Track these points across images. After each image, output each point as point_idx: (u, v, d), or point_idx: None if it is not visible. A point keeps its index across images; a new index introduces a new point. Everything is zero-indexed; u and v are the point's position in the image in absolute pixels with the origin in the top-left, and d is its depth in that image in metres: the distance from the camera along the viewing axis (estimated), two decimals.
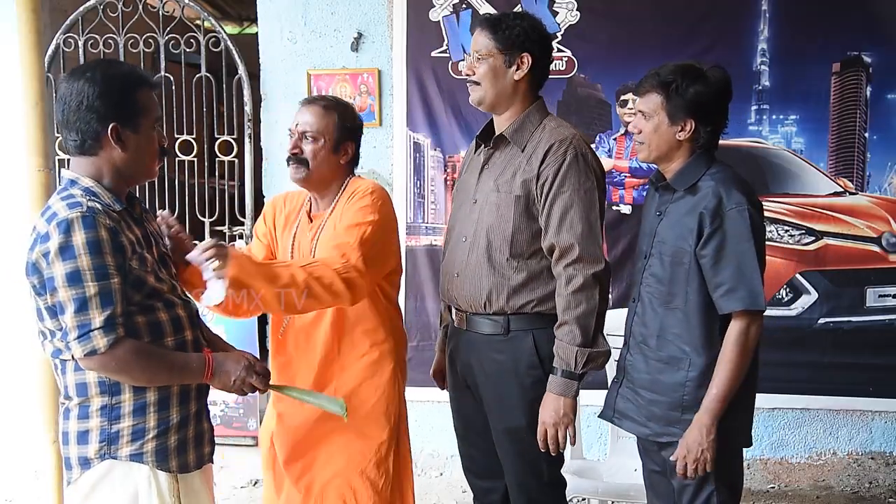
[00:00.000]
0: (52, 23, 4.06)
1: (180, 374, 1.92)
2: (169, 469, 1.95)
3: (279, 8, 3.91)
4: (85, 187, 1.90)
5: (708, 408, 2.09)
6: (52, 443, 2.70)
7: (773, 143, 3.75)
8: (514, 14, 2.37)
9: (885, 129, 3.70)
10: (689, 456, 2.11)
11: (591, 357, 2.21)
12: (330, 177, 2.39)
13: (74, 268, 1.80)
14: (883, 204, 3.72)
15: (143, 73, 2.03)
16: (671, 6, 3.71)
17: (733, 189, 2.11)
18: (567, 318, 2.21)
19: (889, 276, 3.72)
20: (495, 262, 2.31)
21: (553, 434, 2.23)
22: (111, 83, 1.88)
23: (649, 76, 2.20)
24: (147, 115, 1.94)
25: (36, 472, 3.82)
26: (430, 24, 3.82)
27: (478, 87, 2.35)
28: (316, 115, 2.36)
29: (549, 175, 2.24)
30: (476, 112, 3.84)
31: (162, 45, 4.01)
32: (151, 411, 1.93)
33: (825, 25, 3.65)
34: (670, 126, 2.16)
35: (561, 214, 2.23)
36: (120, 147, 1.90)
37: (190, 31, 3.99)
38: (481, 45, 2.31)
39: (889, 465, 3.88)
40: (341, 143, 2.38)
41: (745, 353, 2.09)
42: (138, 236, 1.95)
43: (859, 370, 3.76)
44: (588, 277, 2.20)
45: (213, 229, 4.14)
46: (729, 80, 2.19)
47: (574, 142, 2.26)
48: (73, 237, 1.80)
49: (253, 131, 4.03)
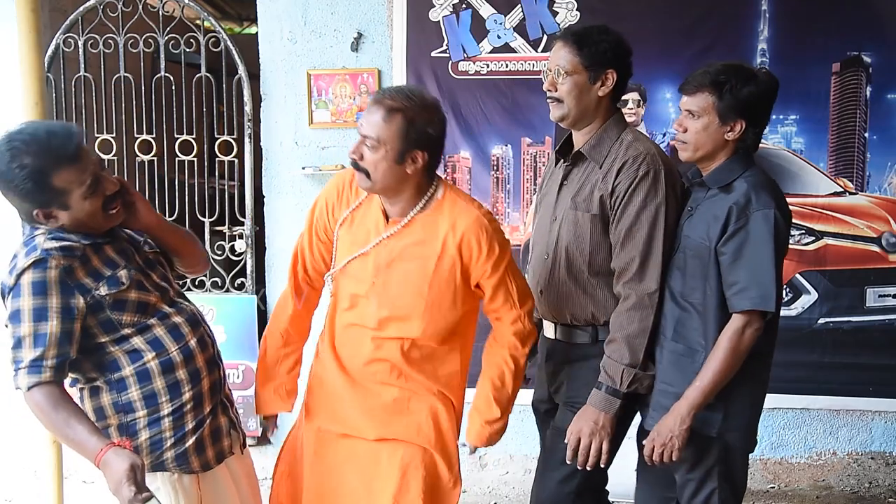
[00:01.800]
0: (52, 23, 4.06)
1: (75, 446, 1.89)
2: (192, 470, 2.01)
3: (279, 8, 3.91)
4: (48, 229, 1.93)
5: (688, 397, 2.10)
6: (52, 443, 2.71)
7: (773, 143, 3.74)
8: (597, 29, 2.30)
9: (885, 129, 3.69)
10: (657, 440, 2.12)
11: (637, 378, 2.20)
12: (397, 187, 2.14)
13: (17, 307, 1.86)
14: (883, 204, 3.72)
15: (55, 148, 1.86)
16: (671, 6, 3.71)
17: (763, 192, 2.11)
18: (617, 336, 2.21)
19: (889, 276, 3.72)
20: (577, 279, 2.32)
21: (586, 444, 2.21)
22: (22, 177, 1.83)
23: (699, 74, 2.17)
24: (72, 192, 1.88)
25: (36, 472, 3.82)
26: (430, 24, 3.81)
27: (560, 105, 2.29)
28: (377, 120, 2.07)
29: (620, 192, 2.22)
30: (476, 113, 3.86)
31: (162, 45, 4.01)
32: (167, 422, 1.99)
33: (825, 25, 3.65)
34: (720, 126, 2.14)
35: (626, 231, 2.21)
36: (52, 222, 1.92)
37: (190, 31, 3.99)
38: (565, 60, 2.25)
39: (889, 465, 3.87)
40: (407, 153, 2.08)
41: (735, 352, 2.08)
42: (110, 257, 1.97)
43: (859, 370, 3.76)
44: (642, 297, 2.19)
45: (213, 229, 4.14)
46: (777, 82, 2.18)
47: (648, 158, 2.22)
48: (22, 279, 1.85)
49: (253, 131, 4.03)
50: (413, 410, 2.25)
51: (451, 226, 2.16)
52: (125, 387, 1.96)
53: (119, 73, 4.04)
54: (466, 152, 3.86)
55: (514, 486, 3.92)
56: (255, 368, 2.50)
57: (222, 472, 2.09)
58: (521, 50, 3.77)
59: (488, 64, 3.81)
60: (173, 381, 1.99)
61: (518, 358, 2.28)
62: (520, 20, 3.77)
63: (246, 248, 4.10)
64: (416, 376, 2.25)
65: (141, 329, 1.96)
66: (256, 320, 4.06)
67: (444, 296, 2.19)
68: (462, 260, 2.16)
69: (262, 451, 4.07)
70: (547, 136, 3.80)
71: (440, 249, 2.16)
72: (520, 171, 3.84)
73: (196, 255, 2.25)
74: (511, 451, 3.98)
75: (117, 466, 1.80)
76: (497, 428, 2.30)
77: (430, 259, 2.17)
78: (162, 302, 2.02)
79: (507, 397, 2.29)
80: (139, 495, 1.79)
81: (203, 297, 4.04)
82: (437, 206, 2.18)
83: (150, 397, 1.97)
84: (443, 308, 2.20)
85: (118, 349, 1.96)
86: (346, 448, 2.30)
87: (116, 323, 1.94)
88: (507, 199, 3.88)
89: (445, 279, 2.18)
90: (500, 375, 2.27)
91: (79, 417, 1.86)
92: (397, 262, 2.19)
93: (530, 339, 2.30)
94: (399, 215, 2.20)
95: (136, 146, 4.08)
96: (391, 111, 2.06)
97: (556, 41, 2.31)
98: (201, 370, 2.04)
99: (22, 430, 3.96)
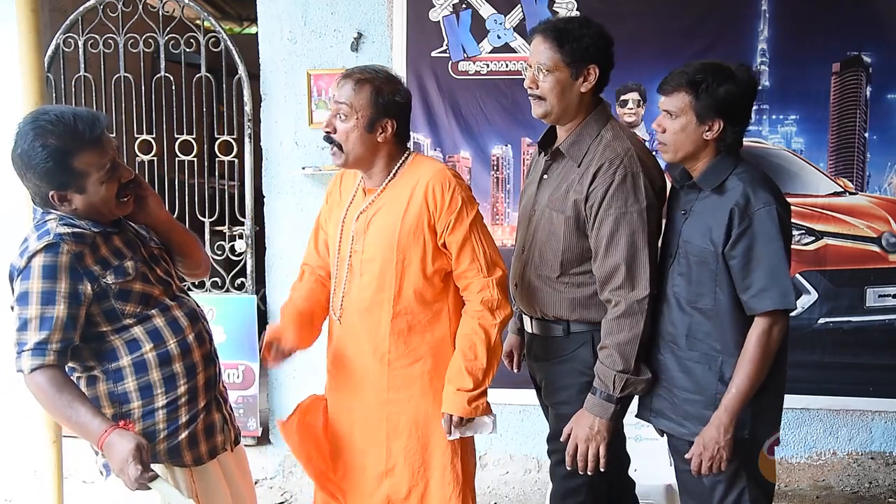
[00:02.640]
0: (52, 23, 4.06)
1: (77, 429, 1.91)
2: (184, 464, 2.02)
3: (279, 8, 3.91)
4: (59, 215, 1.95)
5: (727, 406, 2.08)
6: (52, 443, 2.71)
7: (773, 143, 3.74)
8: (578, 22, 2.27)
9: (885, 129, 3.69)
10: (704, 454, 2.10)
11: (630, 383, 2.18)
12: (370, 156, 2.27)
13: (26, 289, 1.87)
14: (883, 204, 3.72)
15: (80, 131, 1.90)
16: (671, 6, 3.70)
17: (760, 189, 2.09)
18: (608, 343, 2.18)
19: (889, 276, 3.72)
20: (549, 276, 2.31)
21: (584, 450, 2.21)
22: (44, 156, 1.87)
23: (676, 74, 2.15)
24: (90, 175, 1.92)
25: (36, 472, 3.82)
26: (430, 24, 3.81)
27: (542, 102, 2.26)
28: (348, 90, 2.22)
29: (597, 197, 2.19)
30: (476, 113, 3.86)
31: (162, 45, 4.01)
32: (161, 415, 2.01)
33: (825, 25, 3.65)
34: (698, 126, 2.12)
35: (607, 239, 2.18)
36: (66, 206, 1.94)
37: (190, 31, 3.99)
38: (546, 57, 2.21)
39: (889, 465, 3.87)
40: (377, 121, 2.22)
41: (766, 353, 2.07)
42: (118, 247, 1.99)
43: (859, 370, 3.76)
44: (631, 304, 2.16)
45: (213, 229, 4.14)
46: (756, 80, 2.16)
47: (625, 160, 2.18)
48: (33, 261, 1.87)
49: (253, 131, 4.03)
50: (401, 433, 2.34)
51: (417, 179, 2.27)
52: (122, 377, 1.97)
53: (119, 73, 4.04)
54: (466, 152, 3.86)
55: (514, 486, 3.92)
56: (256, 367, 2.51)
57: (214, 467, 2.10)
58: (521, 50, 3.77)
59: (488, 64, 3.81)
60: (169, 374, 2.00)
61: (488, 328, 2.26)
62: (520, 20, 3.77)
63: (246, 248, 4.10)
64: (402, 367, 2.31)
65: (141, 319, 1.98)
66: (256, 320, 4.06)
67: (413, 248, 2.26)
68: (428, 209, 2.24)
69: (262, 451, 4.07)
70: None
71: (408, 199, 2.26)
72: (520, 171, 3.84)
73: (198, 258, 2.28)
74: (511, 451, 3.98)
75: (122, 447, 1.82)
76: (471, 398, 2.25)
77: (400, 210, 2.27)
78: (164, 295, 2.05)
79: (480, 369, 2.25)
80: (145, 474, 1.82)
81: (203, 297, 4.04)
82: (407, 168, 2.31)
83: (146, 388, 1.98)
84: (414, 262, 2.26)
85: (117, 338, 1.97)
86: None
87: (119, 312, 1.95)
88: (506, 199, 3.88)
89: (414, 230, 2.25)
90: (471, 346, 2.26)
91: (82, 400, 1.88)
92: (373, 222, 2.30)
93: (501, 310, 2.27)
94: (376, 186, 2.32)
95: (136, 146, 4.08)
96: (360, 81, 2.22)
97: (536, 35, 2.25)
98: (197, 364, 2.06)
99: (22, 430, 3.96)
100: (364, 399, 2.36)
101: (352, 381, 2.38)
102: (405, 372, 2.32)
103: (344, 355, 2.39)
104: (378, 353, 2.32)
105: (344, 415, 2.41)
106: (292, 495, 3.91)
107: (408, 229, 2.25)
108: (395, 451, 2.34)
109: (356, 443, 2.39)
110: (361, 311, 2.33)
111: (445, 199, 2.23)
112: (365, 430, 2.37)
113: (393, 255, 2.26)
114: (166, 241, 2.18)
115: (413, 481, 2.33)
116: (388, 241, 2.27)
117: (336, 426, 2.42)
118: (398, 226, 2.26)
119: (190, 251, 2.23)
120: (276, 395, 4.07)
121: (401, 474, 2.34)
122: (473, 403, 2.26)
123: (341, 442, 2.41)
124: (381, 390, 2.33)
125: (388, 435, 2.34)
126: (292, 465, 4.04)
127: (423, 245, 2.26)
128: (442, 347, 2.32)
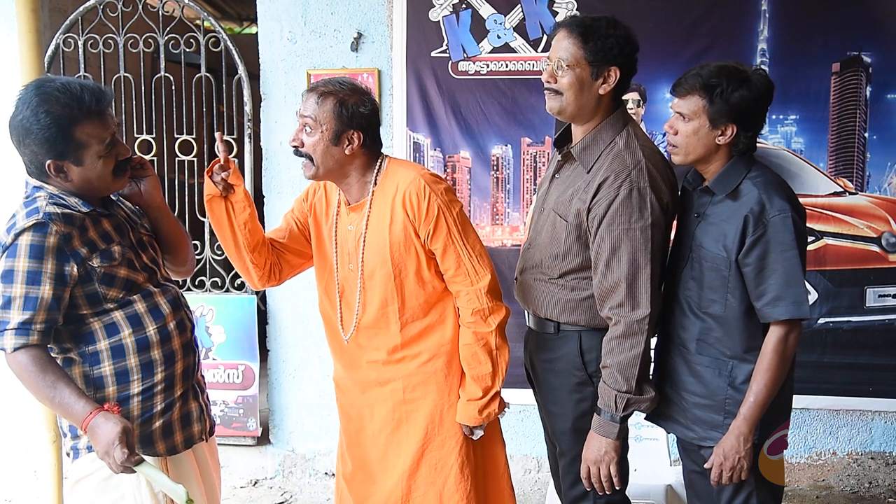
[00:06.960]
0: (52, 23, 4.07)
1: (61, 410, 1.90)
2: (157, 453, 2.00)
3: (279, 8, 3.91)
4: (50, 193, 1.93)
5: (746, 415, 2.06)
6: (52, 443, 2.71)
7: (773, 143, 3.75)
8: (606, 21, 2.19)
9: (885, 129, 3.69)
10: (725, 464, 2.08)
11: (633, 402, 2.15)
12: (340, 170, 2.26)
13: (10, 267, 1.85)
14: (883, 204, 3.72)
15: (86, 101, 1.91)
16: (671, 6, 3.70)
17: (776, 195, 2.05)
18: (609, 363, 2.15)
19: (889, 276, 3.72)
20: (546, 276, 2.30)
21: (596, 472, 2.20)
22: (47, 122, 1.86)
23: (690, 76, 2.11)
24: (90, 147, 1.91)
25: (36, 472, 3.83)
26: (430, 24, 3.82)
27: (558, 97, 2.19)
28: (311, 103, 2.21)
29: (599, 211, 2.13)
30: (477, 113, 3.87)
31: (162, 45, 4.01)
32: (135, 402, 1.99)
33: (825, 25, 3.65)
34: (711, 130, 2.09)
35: (608, 255, 2.13)
36: (62, 178, 1.92)
37: (190, 31, 3.99)
38: (568, 52, 2.15)
39: (889, 465, 3.88)
40: (343, 134, 2.20)
41: (784, 361, 2.05)
42: (107, 230, 1.98)
43: (859, 370, 3.76)
44: (631, 324, 2.11)
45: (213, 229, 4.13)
46: (772, 85, 2.11)
47: (632, 174, 2.11)
48: (20, 239, 1.85)
49: (253, 131, 4.03)
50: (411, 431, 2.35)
51: (395, 187, 2.25)
52: (98, 361, 1.95)
53: (119, 73, 4.04)
54: (466, 152, 3.86)
55: (513, 486, 3.91)
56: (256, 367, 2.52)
57: (189, 457, 2.09)
58: (520, 50, 3.77)
59: (488, 64, 3.81)
60: (147, 361, 1.99)
61: (485, 335, 2.26)
62: (520, 20, 3.77)
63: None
64: (413, 368, 2.32)
65: (123, 304, 1.97)
66: (256, 320, 4.06)
67: (407, 260, 2.26)
68: (409, 219, 2.23)
69: (262, 451, 4.07)
70: (547, 136, 3.80)
71: (390, 212, 2.25)
72: (520, 171, 3.84)
73: (185, 255, 2.28)
74: (511, 451, 3.96)
75: (107, 430, 1.80)
76: (481, 406, 2.29)
77: (385, 225, 2.26)
78: (149, 282, 2.04)
79: (487, 373, 2.27)
80: (131, 458, 1.80)
81: (203, 297, 4.04)
82: (384, 177, 2.28)
83: (122, 374, 1.96)
84: (411, 272, 2.27)
85: (96, 321, 1.95)
86: None
87: (102, 296, 1.94)
88: (507, 199, 3.88)
89: (404, 243, 2.25)
90: (473, 355, 2.28)
91: (66, 381, 1.86)
92: (366, 239, 2.29)
93: (494, 315, 2.26)
94: (356, 199, 2.31)
95: (136, 146, 4.09)
96: (323, 94, 2.20)
97: (561, 29, 2.20)
98: (177, 353, 2.05)
99: (22, 430, 3.96)
100: (381, 404, 2.38)
101: (366, 394, 2.41)
102: (422, 369, 2.33)
103: (356, 366, 2.41)
104: (393, 358, 2.34)
105: (358, 422, 2.45)
106: (292, 495, 3.91)
107: (397, 243, 2.25)
108: (413, 450, 2.35)
109: (375, 448, 2.42)
110: (369, 326, 2.34)
111: (423, 209, 2.21)
112: (382, 432, 2.39)
113: (389, 270, 2.27)
114: (157, 228, 2.18)
115: (431, 478, 2.35)
116: (382, 257, 2.27)
117: (350, 438, 2.47)
118: (387, 241, 2.26)
119: (178, 244, 2.23)
120: (276, 395, 4.07)
121: (419, 474, 2.36)
122: (485, 412, 2.29)
123: (358, 451, 2.46)
124: (398, 391, 2.35)
125: (407, 434, 2.36)
126: (292, 465, 4.04)
127: (416, 255, 2.26)
128: (454, 343, 2.34)
